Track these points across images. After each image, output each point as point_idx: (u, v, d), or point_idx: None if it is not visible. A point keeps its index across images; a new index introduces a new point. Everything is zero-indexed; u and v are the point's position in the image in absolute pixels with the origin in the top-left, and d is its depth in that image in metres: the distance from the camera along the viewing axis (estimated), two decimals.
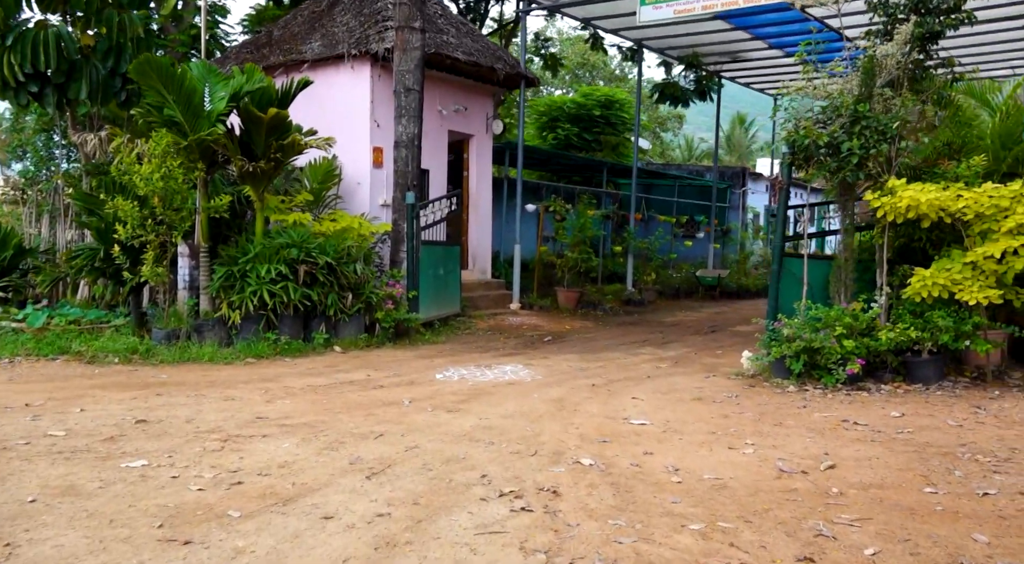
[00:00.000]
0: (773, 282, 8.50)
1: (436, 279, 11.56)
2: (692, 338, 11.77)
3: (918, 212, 7.48)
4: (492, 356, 9.42)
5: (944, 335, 7.31)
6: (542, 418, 6.07)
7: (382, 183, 12.44)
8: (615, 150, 25.24)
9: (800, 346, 7.50)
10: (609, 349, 10.35)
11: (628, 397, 7.03)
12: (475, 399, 6.75)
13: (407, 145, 11.16)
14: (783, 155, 8.44)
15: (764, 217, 26.99)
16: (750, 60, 19.20)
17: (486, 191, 14.86)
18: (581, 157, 20.34)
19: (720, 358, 9.81)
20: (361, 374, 7.88)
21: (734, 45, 17.87)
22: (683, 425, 5.88)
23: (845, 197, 8.34)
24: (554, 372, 8.37)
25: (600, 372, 8.45)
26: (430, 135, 12.94)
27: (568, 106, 25.67)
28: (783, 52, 18.24)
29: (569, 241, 15.17)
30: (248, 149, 9.21)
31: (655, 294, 17.63)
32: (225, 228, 10.05)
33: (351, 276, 9.68)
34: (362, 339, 9.74)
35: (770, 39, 17.22)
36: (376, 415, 5.99)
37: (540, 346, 10.56)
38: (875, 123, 7.91)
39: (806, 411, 6.42)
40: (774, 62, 19.16)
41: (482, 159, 14.75)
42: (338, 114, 12.30)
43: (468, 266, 14.37)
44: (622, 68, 44.79)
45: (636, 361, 9.39)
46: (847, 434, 5.58)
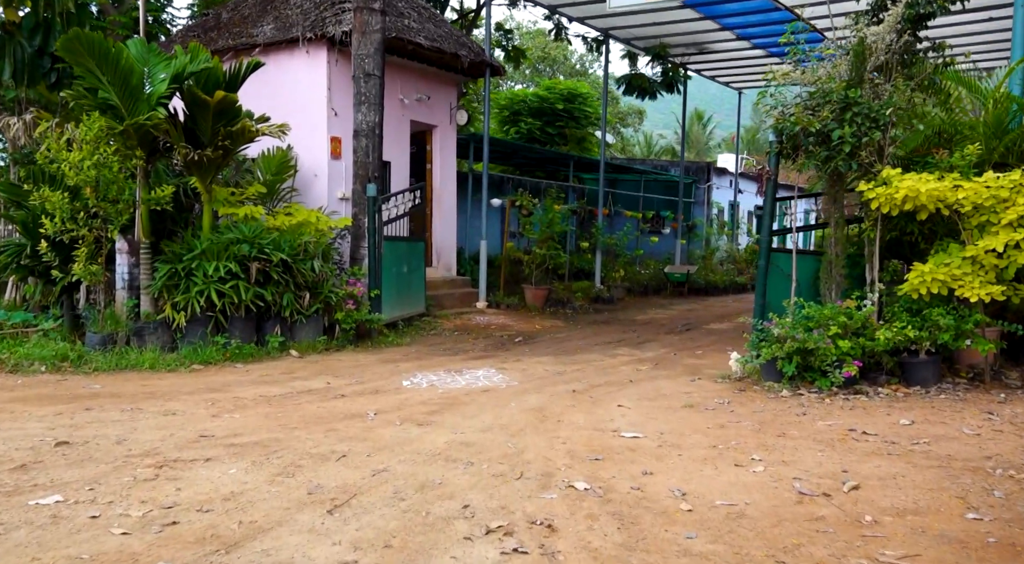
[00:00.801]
0: (760, 279, 8.03)
1: (399, 277, 10.88)
2: (668, 337, 11.28)
3: (916, 204, 7.06)
4: (462, 359, 8.79)
5: (944, 334, 6.89)
6: (524, 431, 5.47)
7: (341, 175, 11.71)
8: (580, 144, 24.77)
9: (793, 347, 7.03)
10: (584, 350, 9.80)
11: (614, 405, 6.47)
12: (447, 410, 6.12)
13: (367, 134, 10.46)
14: (770, 144, 7.96)
15: (728, 212, 26.79)
16: (716, 52, 18.87)
17: (450, 184, 14.20)
18: (548, 150, 19.79)
19: (701, 359, 9.32)
20: (320, 381, 7.19)
21: (701, 36, 17.50)
22: (679, 438, 5.33)
23: (835, 188, 7.89)
24: (530, 377, 7.77)
25: (579, 376, 7.88)
26: (391, 125, 12.24)
27: (531, 100, 25.14)
28: (750, 43, 17.96)
29: (537, 237, 14.60)
30: (193, 136, 8.43)
31: (624, 291, 17.16)
32: (170, 223, 9.25)
33: (308, 274, 8.96)
34: (321, 342, 9.03)
35: (737, 30, 16.88)
36: (338, 431, 5.32)
37: (511, 347, 9.96)
38: (867, 109, 7.47)
39: (807, 419, 5.92)
40: (740, 54, 18.87)
41: (446, 151, 14.09)
42: (293, 102, 11.53)
43: (432, 263, 13.70)
44: (583, 63, 44.38)
45: (614, 363, 8.85)
46: (859, 446, 5.09)
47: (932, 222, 7.72)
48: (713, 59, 19.65)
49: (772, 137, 7.87)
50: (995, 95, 8.11)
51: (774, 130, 7.83)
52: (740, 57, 19.22)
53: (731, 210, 26.85)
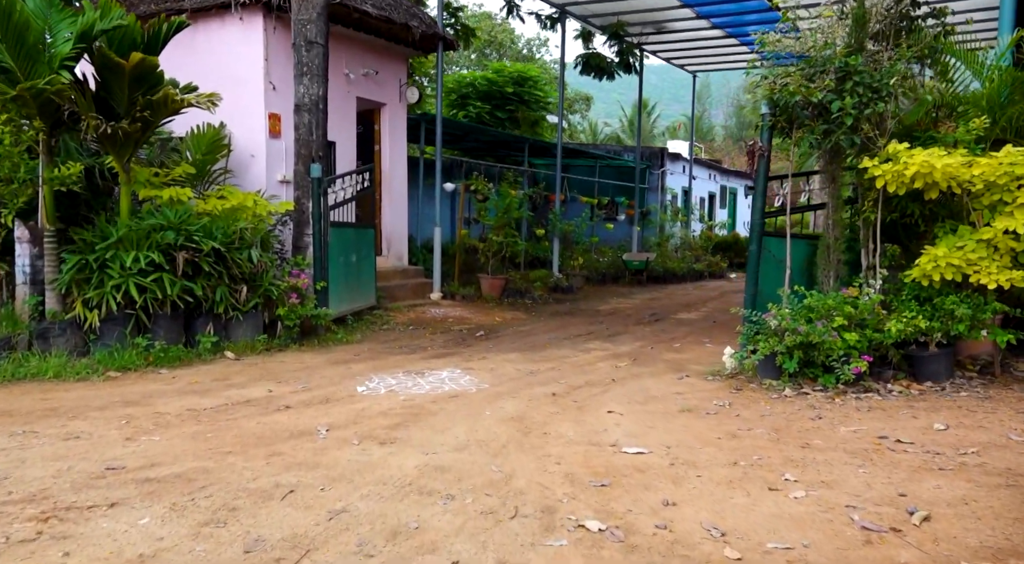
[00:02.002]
0: (752, 266, 7.30)
1: (348, 267, 9.87)
2: (638, 329, 10.55)
3: (927, 181, 6.41)
4: (421, 358, 7.86)
5: (960, 324, 6.27)
6: (507, 449, 4.60)
7: (280, 155, 10.61)
8: (532, 129, 23.93)
9: (795, 341, 6.32)
10: (553, 345, 8.97)
11: (603, 411, 5.65)
12: (413, 422, 5.21)
13: (311, 109, 9.40)
14: (762, 117, 7.23)
15: (682, 199, 26.32)
16: (675, 31, 18.21)
17: (401, 167, 13.19)
18: (503, 132, 18.86)
19: (681, 353, 8.59)
20: (260, 389, 6.18)
21: (660, 14, 16.80)
22: (691, 452, 4.54)
23: (833, 166, 7.21)
24: (501, 378, 6.90)
25: (555, 376, 7.05)
26: (336, 102, 11.18)
27: (479, 83, 24.16)
28: (709, 23, 17.33)
29: (493, 223, 13.72)
30: (107, 106, 7.27)
31: (582, 280, 16.43)
32: (85, 208, 8.05)
33: (245, 265, 7.90)
34: (260, 341, 7.99)
35: (698, 7, 16.23)
36: (283, 455, 4.37)
37: (473, 343, 9.07)
38: (868, 79, 6.79)
39: (825, 424, 5.20)
40: (698, 34, 18.26)
41: (396, 131, 13.06)
42: (226, 76, 10.36)
43: (382, 252, 12.69)
44: (530, 47, 43.50)
45: (590, 359, 8.04)
46: (901, 459, 4.37)
47: (933, 203, 7.13)
48: (670, 39, 19.00)
49: (764, 109, 7.14)
50: (997, 67, 7.54)
51: (767, 102, 7.09)
52: (698, 37, 18.62)
53: (684, 197, 26.41)
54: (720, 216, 30.48)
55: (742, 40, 18.61)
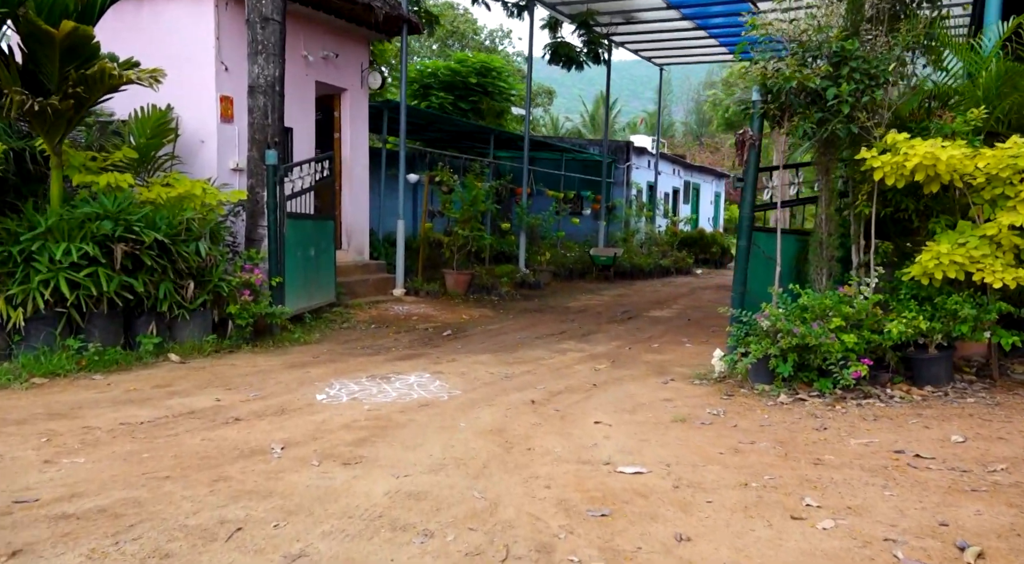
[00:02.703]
0: (740, 262, 6.87)
1: (306, 261, 9.22)
2: (612, 328, 10.09)
3: (929, 174, 6.03)
4: (386, 360, 7.28)
5: (963, 325, 5.91)
6: (488, 468, 4.07)
7: (233, 141, 9.89)
8: (497, 119, 23.38)
9: (791, 343, 5.90)
10: (525, 345, 8.46)
11: (588, 421, 5.16)
12: (380, 437, 4.64)
13: (266, 91, 8.72)
14: (752, 104, 6.79)
15: (647, 194, 26.03)
16: (644, 22, 17.80)
17: (362, 156, 12.52)
18: (468, 122, 18.26)
19: (660, 353, 8.15)
20: (207, 398, 5.55)
21: (630, 2, 16.38)
22: (694, 472, 4.06)
23: (827, 157, 6.81)
24: (473, 383, 6.36)
25: (531, 380, 6.54)
26: (294, 86, 10.48)
27: (442, 73, 23.52)
28: (679, 13, 16.95)
29: (459, 216, 13.15)
30: (35, 80, 6.54)
31: (549, 275, 15.94)
32: (13, 195, 7.32)
33: (192, 258, 7.23)
34: (209, 342, 7.32)
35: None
36: (230, 481, 3.77)
37: (441, 343, 8.51)
38: (865, 65, 6.40)
39: (832, 436, 4.78)
40: (667, 25, 17.88)
41: (357, 118, 12.39)
42: (174, 55, 9.60)
43: (342, 246, 12.03)
44: (493, 38, 42.93)
45: (566, 361, 7.55)
46: (927, 478, 3.95)
47: (928, 197, 6.78)
48: (639, 31, 18.61)
49: (755, 96, 6.70)
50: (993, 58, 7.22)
51: (758, 88, 6.66)
52: (666, 29, 18.24)
53: (649, 192, 26.13)
54: (683, 212, 30.29)
55: (711, 32, 18.32)
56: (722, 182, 38.96)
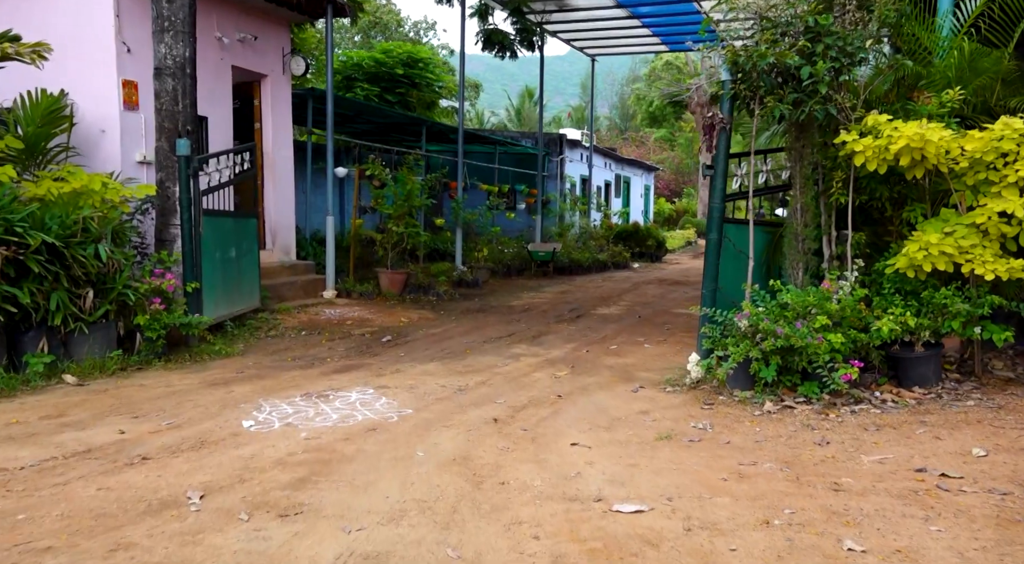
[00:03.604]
0: (711, 257, 6.33)
1: (226, 263, 8.28)
2: (562, 328, 9.48)
3: (915, 158, 5.60)
4: (322, 374, 6.46)
5: (954, 321, 5.50)
6: (459, 512, 3.36)
7: (139, 131, 8.83)
8: (428, 111, 22.54)
9: (774, 345, 5.38)
10: (474, 351, 7.76)
11: (563, 443, 4.50)
12: (324, 475, 3.87)
13: (175, 74, 7.74)
14: (721, 84, 6.25)
15: (580, 187, 25.64)
16: (577, 9, 17.28)
17: (286, 148, 11.56)
18: (401, 113, 17.35)
19: (621, 356, 7.57)
20: (109, 430, 4.65)
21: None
22: (700, 506, 3.45)
23: (801, 142, 6.33)
24: (424, 398, 5.63)
25: (489, 393, 5.84)
26: (208, 70, 9.50)
27: (366, 64, 22.49)
28: (613, 1, 16.49)
29: (393, 212, 12.30)
30: None
31: (487, 273, 15.25)
32: None
33: (91, 263, 6.25)
34: (114, 359, 6.36)
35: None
36: (132, 549, 2.95)
37: (381, 351, 7.72)
38: (840, 42, 5.94)
39: (840, 453, 4.25)
40: (601, 14, 17.40)
41: (279, 107, 11.41)
42: (68, 34, 8.50)
43: (266, 245, 11.07)
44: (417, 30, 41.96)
45: (522, 368, 6.88)
46: (969, 506, 3.44)
47: (902, 184, 6.40)
48: (572, 19, 18.08)
49: (725, 75, 6.16)
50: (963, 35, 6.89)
51: (727, 67, 6.12)
52: (600, 17, 17.77)
53: (582, 185, 25.75)
54: (615, 205, 30.06)
55: (644, 22, 17.94)
56: (651, 175, 39.05)
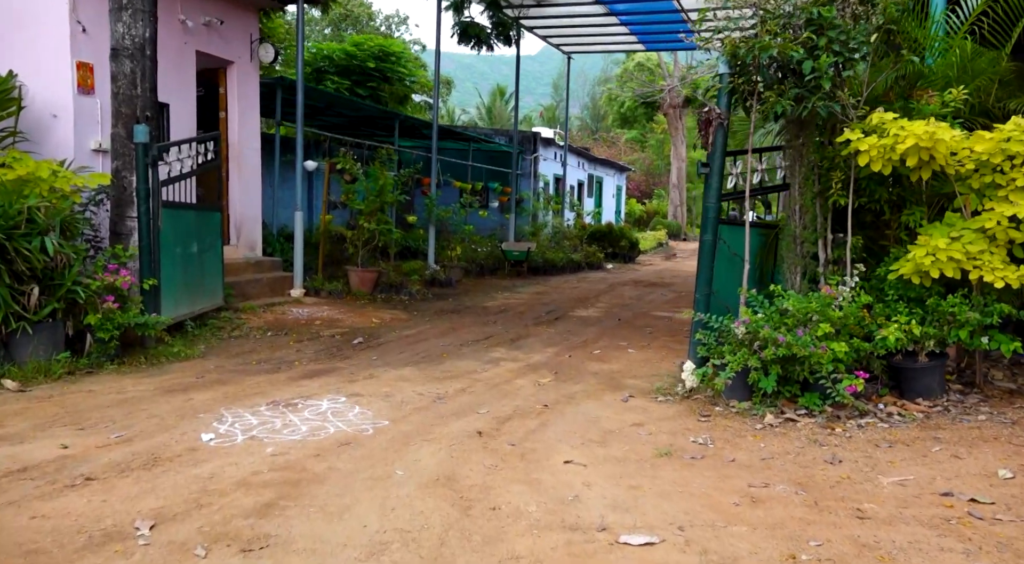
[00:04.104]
0: (705, 260, 6.01)
1: (187, 259, 7.78)
2: (541, 331, 9.12)
3: (923, 158, 5.33)
4: (289, 379, 6.02)
5: (962, 330, 5.25)
6: (448, 545, 2.97)
7: (94, 117, 8.26)
8: (400, 105, 22.05)
9: (775, 354, 5.07)
10: (451, 354, 7.36)
11: (556, 459, 4.14)
12: (292, 499, 3.45)
13: (133, 55, 7.22)
14: (719, 77, 5.94)
15: (554, 186, 25.34)
16: (554, 5, 16.95)
17: (253, 139, 11.03)
18: (373, 106, 16.84)
19: (605, 362, 7.23)
20: (49, 444, 4.17)
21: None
22: (716, 536, 3.10)
23: (801, 140, 6.04)
24: (401, 407, 5.22)
25: (469, 402, 5.45)
26: (170, 54, 8.97)
27: (337, 56, 21.94)
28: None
29: (364, 208, 11.83)
30: None
31: (461, 272, 14.83)
32: None
33: (36, 257, 5.74)
34: (61, 362, 5.85)
35: None
36: None
37: (352, 354, 7.29)
38: (843, 36, 5.65)
39: (854, 472, 3.95)
40: (578, 10, 17.10)
41: (246, 96, 10.89)
42: (17, 11, 7.94)
43: (231, 240, 10.55)
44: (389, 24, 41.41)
45: (502, 374, 6.51)
46: (1008, 536, 3.14)
47: (901, 187, 6.15)
48: (550, 15, 17.73)
49: (723, 68, 5.84)
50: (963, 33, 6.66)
51: (725, 60, 5.80)
52: (578, 13, 17.46)
53: (556, 184, 25.46)
54: (588, 205, 29.82)
55: (622, 19, 17.66)
56: (623, 176, 38.91)
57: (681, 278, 17.49)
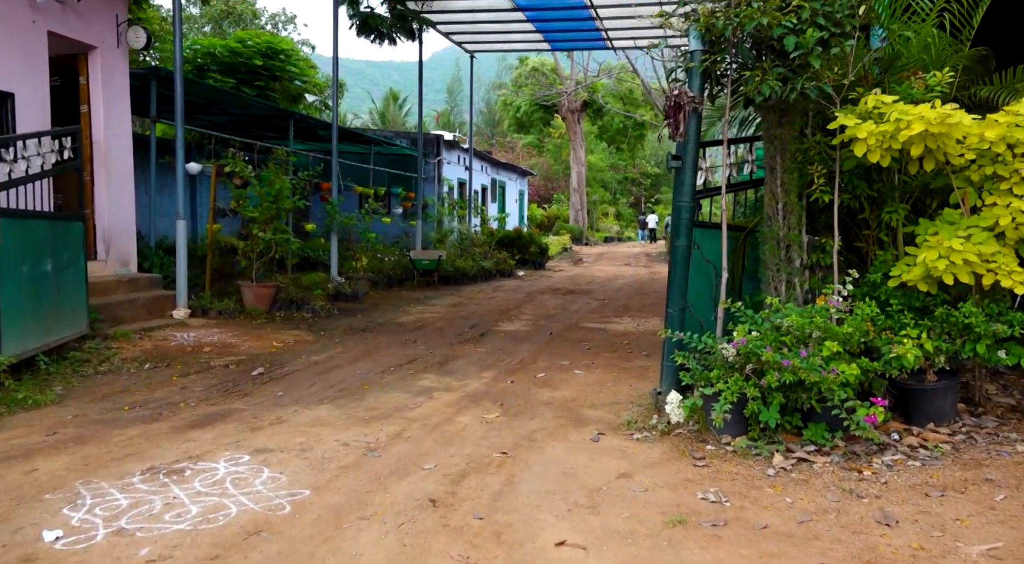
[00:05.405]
0: (679, 268, 5.12)
1: (38, 280, 6.30)
2: (469, 350, 8.08)
3: (929, 146, 4.65)
4: (174, 429, 4.73)
5: (979, 344, 4.57)
6: None
7: None
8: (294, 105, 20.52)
9: (780, 380, 4.24)
10: (373, 385, 6.22)
11: (543, 540, 3.12)
12: None
13: None
14: (691, 55, 5.08)
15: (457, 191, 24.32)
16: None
17: (123, 137, 9.48)
18: (267, 104, 15.31)
19: (553, 387, 6.27)
20: None
21: None
22: None
23: (784, 128, 5.25)
24: (324, 466, 4.07)
25: (409, 453, 4.36)
26: (14, 34, 7.48)
27: (220, 53, 20.17)
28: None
29: (258, 216, 10.44)
30: None
31: (367, 284, 13.58)
32: None
33: None
34: None
35: None
36: None
37: (253, 389, 6.03)
38: (827, 7, 4.92)
39: (924, 537, 3.13)
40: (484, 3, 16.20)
41: (114, 87, 9.33)
42: None
43: (97, 255, 8.98)
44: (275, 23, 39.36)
45: (440, 410, 5.43)
46: None
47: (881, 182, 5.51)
48: (453, 10, 16.74)
49: (695, 44, 4.99)
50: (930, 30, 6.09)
51: (699, 34, 4.96)
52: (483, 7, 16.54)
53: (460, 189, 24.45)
54: (491, 210, 28.96)
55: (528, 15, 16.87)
56: (525, 180, 38.33)
57: (597, 284, 16.83)
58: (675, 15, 5.17)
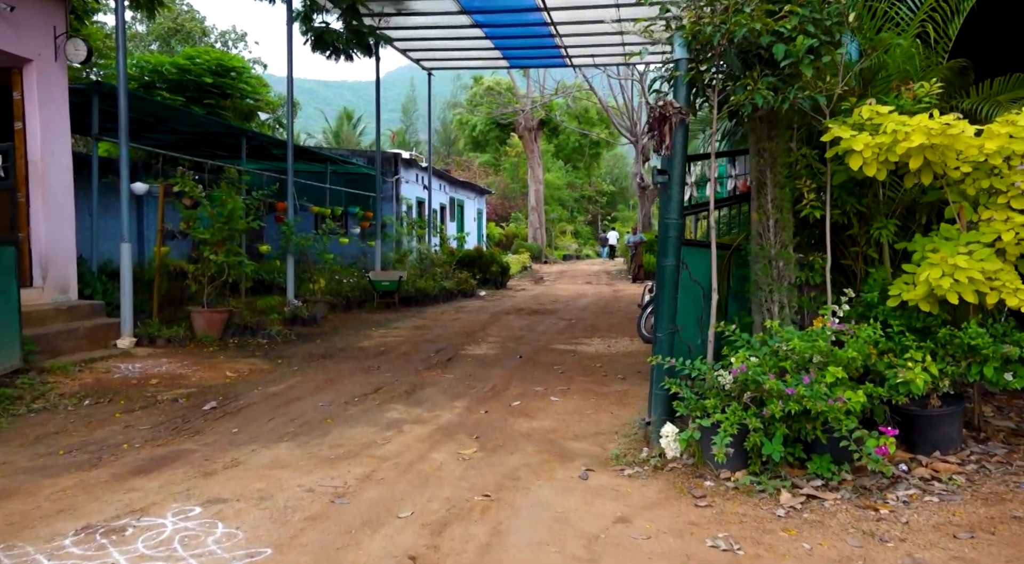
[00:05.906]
0: (667, 290, 4.80)
1: None
2: (437, 377, 7.66)
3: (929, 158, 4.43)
4: (114, 477, 4.23)
5: (986, 367, 4.33)
6: None
7: None
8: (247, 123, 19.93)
9: (784, 410, 3.93)
10: (336, 418, 5.77)
11: None
12: None
13: None
14: (676, 64, 4.79)
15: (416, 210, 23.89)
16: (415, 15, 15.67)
17: (61, 156, 8.88)
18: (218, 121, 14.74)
19: (531, 417, 5.90)
20: None
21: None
22: None
23: (774, 141, 4.99)
24: (286, 518, 3.62)
25: (381, 499, 3.93)
26: None
27: (168, 70, 19.53)
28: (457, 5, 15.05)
29: (209, 238, 9.90)
30: None
31: (326, 307, 13.07)
32: None
33: None
34: None
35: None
36: None
37: (204, 426, 5.53)
38: (816, 14, 4.69)
39: None
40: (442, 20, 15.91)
41: (51, 103, 8.75)
42: None
43: (33, 282, 8.36)
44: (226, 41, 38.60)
45: (411, 445, 5.01)
46: None
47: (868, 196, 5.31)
48: (410, 26, 16.43)
49: (680, 53, 4.71)
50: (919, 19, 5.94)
51: (685, 41, 4.68)
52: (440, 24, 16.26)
53: (419, 208, 24.04)
54: (450, 229, 28.58)
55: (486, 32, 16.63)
56: (483, 199, 38.04)
57: (561, 303, 16.54)
58: (657, 22, 4.89)
